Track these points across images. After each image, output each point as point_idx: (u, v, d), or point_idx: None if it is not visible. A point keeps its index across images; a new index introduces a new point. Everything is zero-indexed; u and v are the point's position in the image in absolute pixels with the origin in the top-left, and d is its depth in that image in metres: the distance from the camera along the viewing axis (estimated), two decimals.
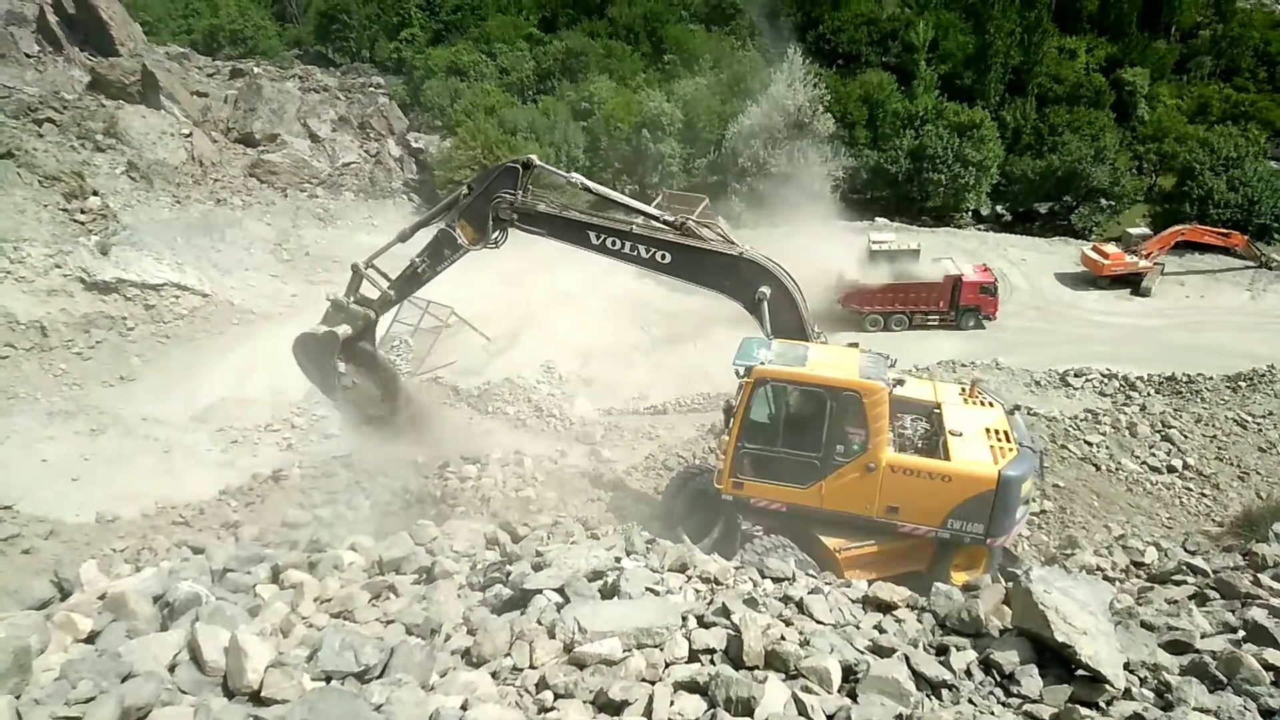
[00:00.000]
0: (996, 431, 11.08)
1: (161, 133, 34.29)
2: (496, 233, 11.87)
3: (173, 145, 34.35)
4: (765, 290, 11.28)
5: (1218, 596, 7.98)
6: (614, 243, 11.28)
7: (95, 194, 26.78)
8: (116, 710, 4.09)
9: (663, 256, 11.27)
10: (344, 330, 12.81)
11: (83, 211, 25.48)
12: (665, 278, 12.24)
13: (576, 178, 12.03)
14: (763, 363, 10.36)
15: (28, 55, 36.07)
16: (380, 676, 4.87)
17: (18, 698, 4.23)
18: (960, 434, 10.93)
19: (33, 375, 20.68)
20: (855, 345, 12.17)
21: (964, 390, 12.11)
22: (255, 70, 46.13)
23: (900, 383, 11.23)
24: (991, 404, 11.96)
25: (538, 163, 11.85)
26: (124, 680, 4.43)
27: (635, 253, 11.25)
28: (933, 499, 10.74)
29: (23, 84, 33.21)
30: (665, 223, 11.55)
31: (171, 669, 4.72)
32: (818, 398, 10.55)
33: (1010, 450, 10.70)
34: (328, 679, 4.75)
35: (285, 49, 54.50)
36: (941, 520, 10.88)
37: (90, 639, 5.14)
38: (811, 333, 11.72)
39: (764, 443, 10.66)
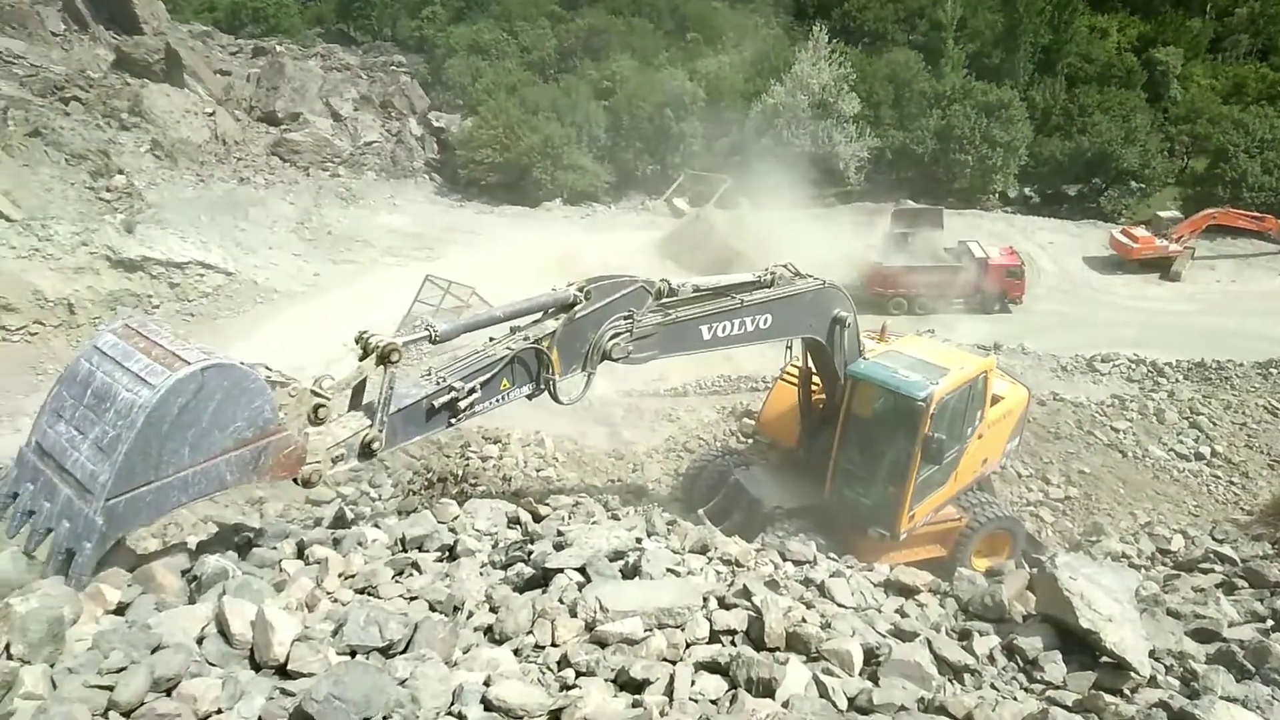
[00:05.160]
0: None
1: (185, 111, 34.45)
2: (588, 373, 8.44)
3: (196, 124, 34.51)
4: (845, 315, 10.51)
5: (1246, 585, 7.93)
6: (725, 328, 9.41)
7: (120, 172, 26.97)
8: (147, 680, 4.14)
9: (765, 321, 9.78)
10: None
11: (108, 190, 25.67)
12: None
13: (689, 284, 9.24)
14: (933, 383, 10.01)
15: (54, 34, 36.26)
16: (404, 652, 4.90)
17: (52, 666, 4.30)
18: None
19: (60, 351, 20.95)
20: None
21: (879, 337, 12.16)
22: (278, 49, 46.16)
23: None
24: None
25: (675, 284, 8.98)
26: (154, 651, 4.47)
27: (742, 330, 9.57)
28: (1001, 436, 11.80)
29: (49, 63, 33.41)
30: (756, 284, 9.84)
31: (200, 641, 4.77)
32: (965, 393, 10.58)
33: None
34: (353, 653, 4.79)
35: (307, 27, 54.58)
36: (1003, 450, 12.10)
37: (120, 611, 5.21)
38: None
39: (931, 461, 10.41)
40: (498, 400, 7.74)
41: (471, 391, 7.24)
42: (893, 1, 49.25)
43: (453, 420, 7.31)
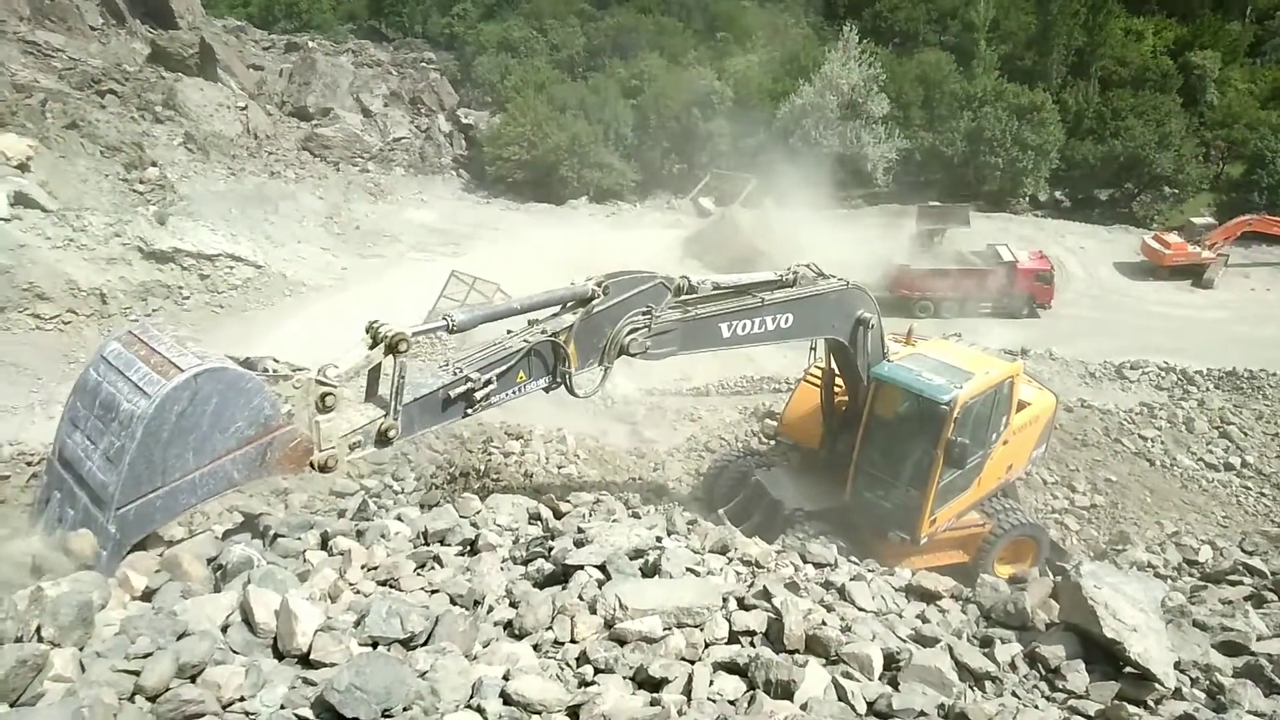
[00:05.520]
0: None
1: (218, 105, 34.90)
2: (604, 368, 8.45)
3: (229, 118, 34.95)
4: (868, 316, 10.42)
5: (1275, 598, 7.79)
6: (745, 326, 9.39)
7: (154, 164, 27.37)
8: (172, 666, 4.21)
9: (786, 320, 9.69)
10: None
11: (141, 182, 26.06)
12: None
13: (709, 282, 9.23)
14: (957, 387, 9.96)
15: (92, 28, 36.86)
16: (425, 644, 4.94)
17: (81, 650, 4.38)
18: None
19: (92, 341, 21.26)
20: None
21: (905, 340, 11.87)
22: (310, 44, 46.66)
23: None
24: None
25: (695, 281, 8.93)
26: (179, 638, 4.54)
27: (763, 329, 9.53)
28: (1027, 442, 11.65)
29: (87, 56, 33.96)
30: (778, 283, 9.73)
31: (224, 629, 4.84)
32: (990, 398, 10.52)
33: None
34: (374, 644, 4.83)
35: (339, 23, 55.09)
36: (1029, 457, 11.95)
37: (147, 597, 5.30)
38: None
39: (954, 466, 10.36)
40: (514, 392, 7.74)
41: (488, 383, 7.27)
42: (924, 2, 48.79)
43: (469, 411, 7.32)
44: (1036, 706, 5.62)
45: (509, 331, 7.84)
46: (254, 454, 5.77)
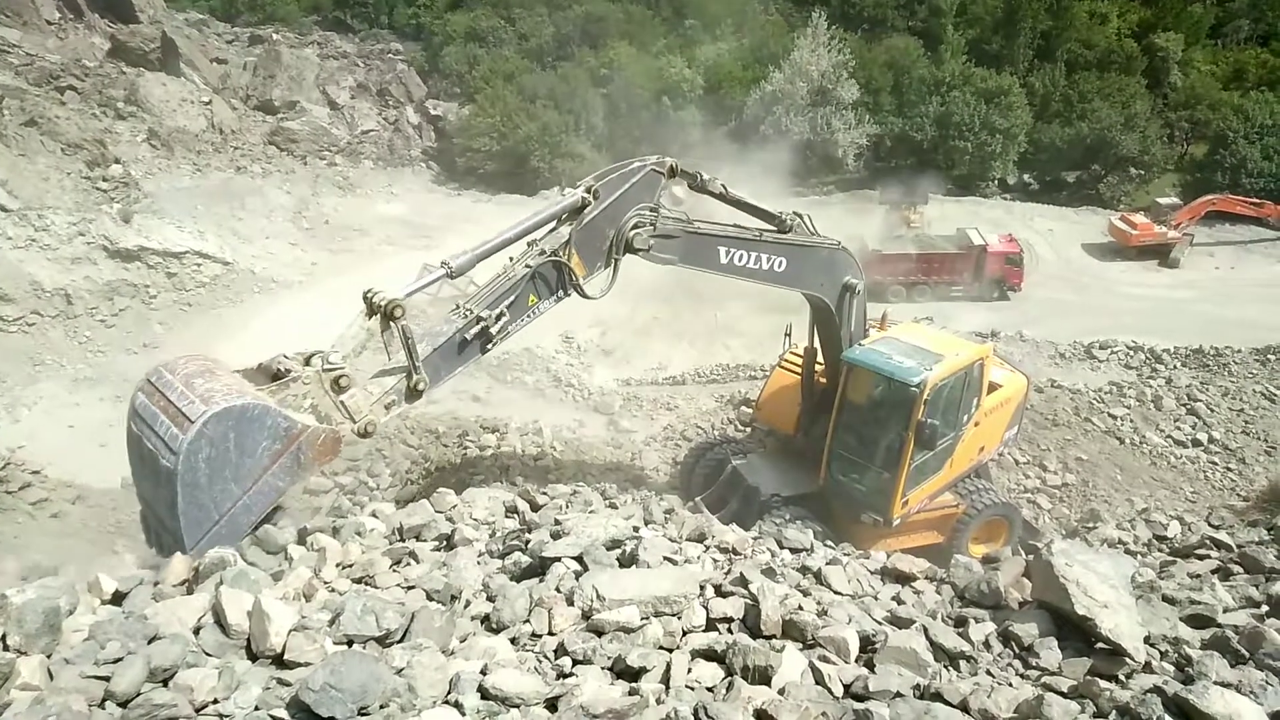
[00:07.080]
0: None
1: (182, 100, 34.31)
2: (610, 269, 8.38)
3: (193, 113, 34.37)
4: (855, 282, 10.42)
5: (1241, 571, 7.92)
6: (741, 257, 9.35)
7: (117, 162, 26.85)
8: (144, 671, 4.15)
9: (780, 264, 9.66)
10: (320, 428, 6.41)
11: (105, 179, 25.57)
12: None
13: (719, 181, 9.51)
14: (927, 369, 9.97)
15: (49, 22, 36.06)
16: (401, 641, 4.90)
17: (49, 657, 4.31)
18: None
19: (58, 342, 20.93)
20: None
21: (880, 325, 11.97)
22: (274, 37, 45.98)
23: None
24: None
25: (705, 177, 9.12)
26: (150, 642, 4.48)
27: (758, 265, 9.46)
28: (999, 423, 11.80)
29: (45, 51, 33.24)
30: (775, 219, 9.87)
31: (196, 631, 4.77)
32: (960, 380, 10.57)
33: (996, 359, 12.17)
34: (349, 643, 4.79)
35: (304, 15, 54.21)
36: (1001, 438, 12.04)
37: (116, 601, 5.22)
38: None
39: (924, 447, 10.37)
40: (529, 316, 7.97)
41: (500, 315, 7.51)
42: None
43: (488, 347, 7.59)
44: (1010, 684, 5.68)
45: (510, 259, 7.91)
46: (289, 462, 6.16)
